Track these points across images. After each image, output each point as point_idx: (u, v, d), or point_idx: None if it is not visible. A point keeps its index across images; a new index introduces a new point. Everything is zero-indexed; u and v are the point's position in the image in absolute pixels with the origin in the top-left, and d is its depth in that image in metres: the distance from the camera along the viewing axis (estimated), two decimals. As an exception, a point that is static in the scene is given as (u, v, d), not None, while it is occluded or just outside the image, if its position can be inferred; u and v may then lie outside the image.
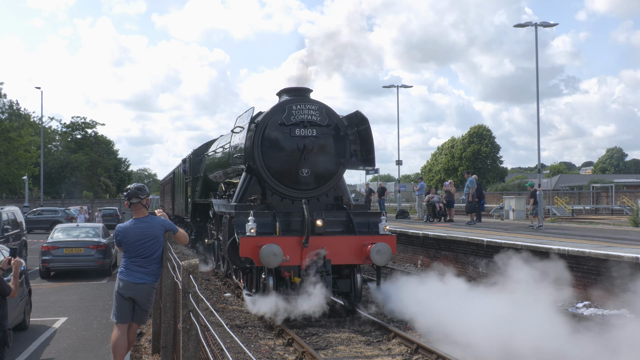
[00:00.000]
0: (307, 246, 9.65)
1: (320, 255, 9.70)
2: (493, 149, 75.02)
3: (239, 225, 9.91)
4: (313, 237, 9.75)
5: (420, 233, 17.38)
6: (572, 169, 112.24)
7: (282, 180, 10.75)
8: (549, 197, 39.31)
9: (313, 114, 10.72)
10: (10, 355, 7.66)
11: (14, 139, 49.27)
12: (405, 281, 11.62)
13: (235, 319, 9.96)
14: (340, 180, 11.35)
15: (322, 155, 10.80)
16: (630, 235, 16.32)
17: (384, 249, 9.78)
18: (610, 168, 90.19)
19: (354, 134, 11.58)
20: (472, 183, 21.40)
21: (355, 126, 11.66)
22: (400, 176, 38.68)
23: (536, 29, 22.28)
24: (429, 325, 8.81)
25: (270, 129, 10.64)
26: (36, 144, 53.27)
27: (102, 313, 10.56)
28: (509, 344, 7.47)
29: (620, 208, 38.54)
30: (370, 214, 10.98)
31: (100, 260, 15.38)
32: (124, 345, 6.39)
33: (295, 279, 9.69)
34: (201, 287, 11.87)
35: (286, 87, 11.24)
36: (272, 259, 9.21)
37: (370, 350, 8.32)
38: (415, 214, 28.36)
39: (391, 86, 36.19)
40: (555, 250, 12.05)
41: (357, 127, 11.64)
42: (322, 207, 10.87)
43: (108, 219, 35.54)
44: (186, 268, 4.22)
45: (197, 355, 4.02)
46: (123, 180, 77.64)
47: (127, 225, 6.53)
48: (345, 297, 10.51)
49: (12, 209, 17.75)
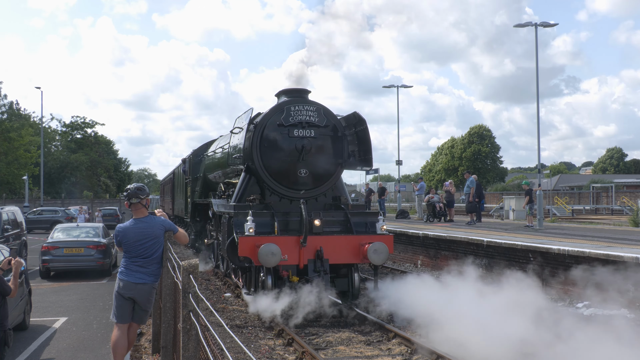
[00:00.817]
0: (305, 245, 9.71)
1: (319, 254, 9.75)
2: (493, 149, 75.04)
3: (237, 225, 9.98)
4: (311, 237, 9.82)
5: (420, 233, 17.38)
6: (572, 169, 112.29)
7: (281, 181, 10.82)
8: (549, 197, 39.29)
9: (311, 114, 10.80)
10: (10, 355, 7.66)
11: (14, 139, 49.25)
12: (403, 280, 11.66)
13: (235, 319, 9.96)
14: (338, 181, 11.40)
15: (320, 156, 10.87)
16: (631, 235, 16.33)
17: (381, 249, 9.83)
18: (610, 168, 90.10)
19: (351, 135, 11.64)
20: (472, 183, 21.41)
21: (353, 127, 11.72)
22: (400, 176, 38.67)
23: (536, 29, 22.26)
24: (428, 324, 8.84)
25: (269, 130, 10.71)
26: (36, 144, 53.26)
27: (102, 313, 10.56)
28: (502, 339, 7.54)
29: (620, 208, 38.54)
30: (368, 214, 11.01)
31: (100, 260, 15.38)
32: (124, 345, 6.39)
33: (294, 278, 9.76)
34: (201, 287, 11.86)
35: (284, 88, 11.31)
36: (271, 258, 9.27)
37: (371, 350, 8.30)
38: (416, 214, 28.36)
39: (391, 86, 36.16)
40: (555, 250, 12.06)
41: (354, 127, 11.71)
42: (320, 207, 10.93)
43: (108, 219, 35.53)
44: (186, 268, 4.22)
45: (197, 355, 4.02)
46: (123, 180, 77.64)
47: (127, 226, 6.52)
48: (343, 296, 10.54)
49: (12, 209, 17.74)
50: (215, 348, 3.56)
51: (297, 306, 9.40)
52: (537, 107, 23.86)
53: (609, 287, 10.76)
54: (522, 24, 22.60)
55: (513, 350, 7.40)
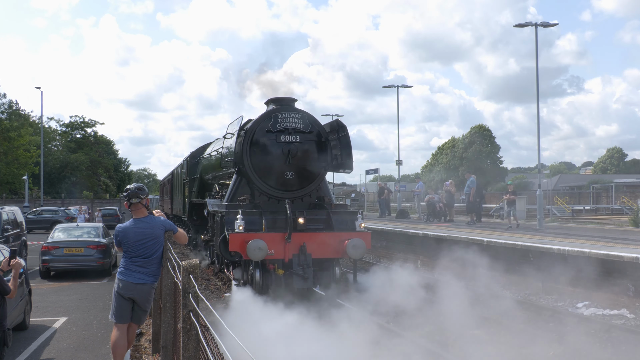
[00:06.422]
0: (289, 241, 10.56)
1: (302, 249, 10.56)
2: (493, 149, 74.99)
3: (228, 222, 10.80)
4: (295, 234, 10.67)
5: (420, 233, 17.41)
6: (572, 169, 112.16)
7: (269, 182, 11.63)
8: (549, 197, 39.28)
9: (297, 121, 11.66)
10: (10, 355, 7.66)
11: (14, 139, 49.30)
12: (382, 274, 12.51)
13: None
14: (322, 182, 12.18)
15: (305, 159, 11.67)
16: (631, 235, 16.33)
17: (359, 244, 10.69)
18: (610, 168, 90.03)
19: (334, 140, 12.45)
20: (472, 183, 21.42)
21: (336, 132, 12.56)
22: (401, 176, 38.68)
23: (536, 28, 22.25)
24: (402, 313, 9.89)
25: (258, 135, 11.53)
26: (36, 143, 53.30)
27: (102, 313, 10.57)
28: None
29: (621, 208, 38.52)
30: (348, 213, 11.79)
31: (100, 260, 15.38)
32: (123, 345, 6.40)
33: (279, 271, 10.58)
34: (201, 287, 11.93)
35: (273, 97, 12.21)
36: (258, 252, 10.16)
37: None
38: (416, 214, 28.38)
39: (391, 86, 36.14)
40: (555, 250, 12.06)
41: (337, 133, 12.54)
42: (305, 206, 11.73)
43: (108, 219, 35.57)
44: (186, 268, 4.22)
45: (197, 355, 4.01)
46: (123, 180, 77.71)
47: (127, 226, 6.51)
48: (326, 288, 11.18)
49: (12, 209, 17.75)
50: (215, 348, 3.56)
51: (282, 296, 10.06)
52: (537, 107, 23.89)
53: (609, 287, 10.77)
54: (522, 24, 22.56)
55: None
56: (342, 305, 10.47)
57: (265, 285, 10.44)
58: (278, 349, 7.09)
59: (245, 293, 10.21)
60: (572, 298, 11.51)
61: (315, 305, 9.96)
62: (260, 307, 9.41)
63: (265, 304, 9.54)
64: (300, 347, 7.38)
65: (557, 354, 8.06)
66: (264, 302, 9.64)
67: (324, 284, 11.07)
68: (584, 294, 11.37)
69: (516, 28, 22.88)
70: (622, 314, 10.22)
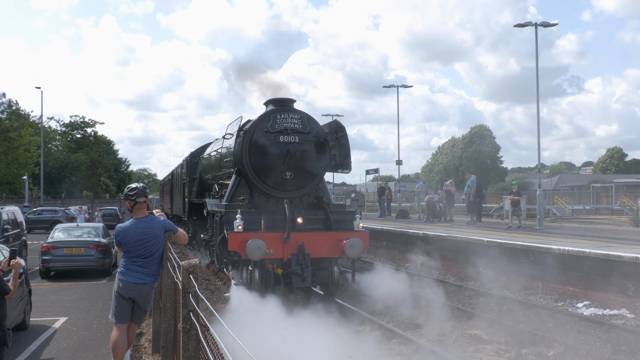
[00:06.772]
0: (288, 241, 10.59)
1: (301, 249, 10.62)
2: (493, 148, 74.99)
3: (228, 222, 10.87)
4: (294, 233, 10.72)
5: (420, 233, 17.40)
6: (572, 169, 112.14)
7: (268, 182, 11.69)
8: (549, 197, 39.27)
9: (296, 122, 11.71)
10: (10, 355, 7.66)
11: (14, 139, 49.29)
12: (380, 274, 12.63)
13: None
14: (321, 182, 12.21)
15: (304, 160, 11.73)
16: (631, 235, 16.33)
17: (357, 244, 10.74)
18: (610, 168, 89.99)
19: (333, 140, 12.52)
20: (472, 183, 21.41)
21: (334, 133, 12.64)
22: (401, 176, 38.68)
23: (536, 28, 22.23)
24: (400, 313, 9.95)
25: (257, 136, 11.58)
26: (36, 143, 53.29)
27: (102, 313, 10.57)
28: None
29: (621, 208, 38.49)
30: (346, 213, 11.86)
31: (100, 260, 15.38)
32: (123, 345, 6.39)
33: (278, 270, 10.64)
34: (201, 287, 11.93)
35: (272, 98, 12.26)
36: (257, 252, 10.20)
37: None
38: (416, 214, 28.37)
39: (391, 86, 36.11)
40: (555, 250, 12.06)
41: (336, 134, 12.62)
42: (304, 206, 11.80)
43: (108, 219, 35.55)
44: (186, 268, 4.21)
45: (197, 355, 4.01)
46: (123, 180, 77.67)
47: (128, 226, 6.50)
48: (324, 287, 11.25)
49: (12, 209, 17.74)
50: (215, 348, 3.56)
51: (281, 295, 10.13)
52: (537, 107, 23.86)
53: (609, 287, 10.77)
54: (522, 24, 22.52)
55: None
56: (340, 305, 10.48)
57: (264, 285, 10.50)
58: (278, 348, 7.10)
59: (244, 292, 10.25)
60: (572, 298, 11.52)
61: (314, 304, 9.97)
62: (259, 307, 9.42)
63: (265, 303, 9.56)
64: (299, 345, 7.38)
65: (557, 353, 8.06)
66: (263, 301, 9.67)
67: (322, 283, 11.12)
68: (584, 294, 11.37)
69: (516, 28, 22.82)
70: (622, 314, 10.22)
